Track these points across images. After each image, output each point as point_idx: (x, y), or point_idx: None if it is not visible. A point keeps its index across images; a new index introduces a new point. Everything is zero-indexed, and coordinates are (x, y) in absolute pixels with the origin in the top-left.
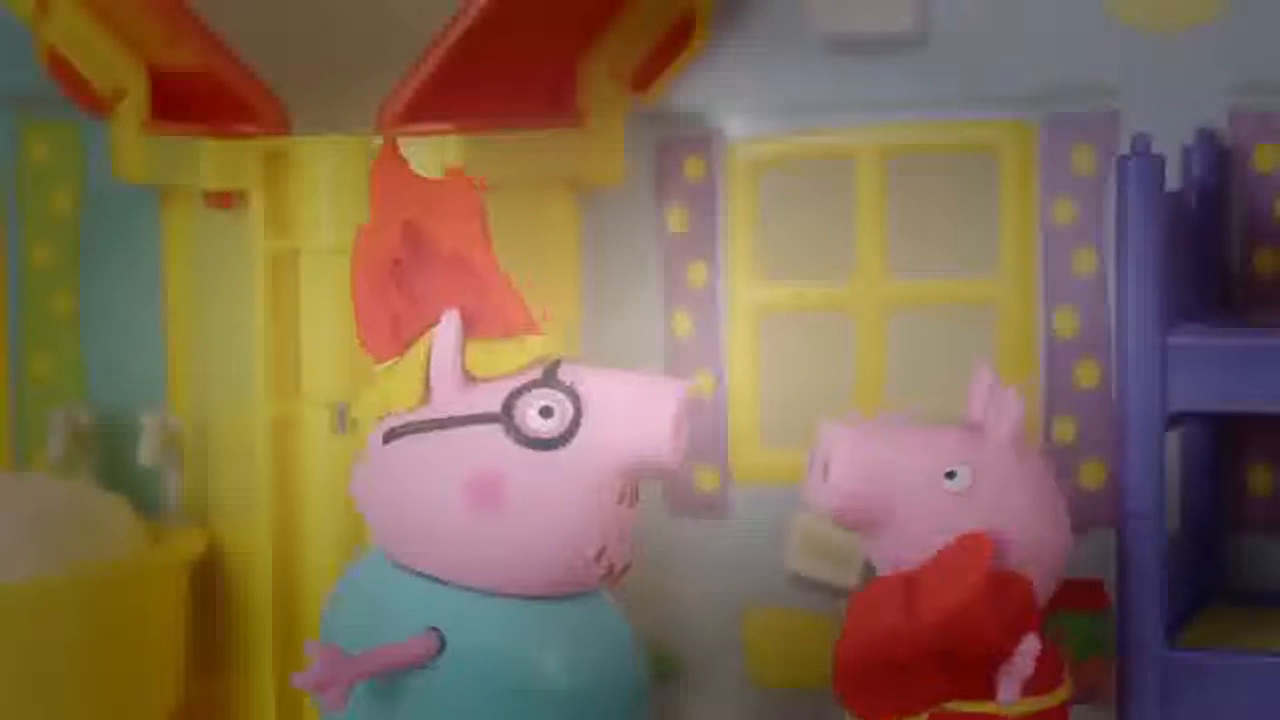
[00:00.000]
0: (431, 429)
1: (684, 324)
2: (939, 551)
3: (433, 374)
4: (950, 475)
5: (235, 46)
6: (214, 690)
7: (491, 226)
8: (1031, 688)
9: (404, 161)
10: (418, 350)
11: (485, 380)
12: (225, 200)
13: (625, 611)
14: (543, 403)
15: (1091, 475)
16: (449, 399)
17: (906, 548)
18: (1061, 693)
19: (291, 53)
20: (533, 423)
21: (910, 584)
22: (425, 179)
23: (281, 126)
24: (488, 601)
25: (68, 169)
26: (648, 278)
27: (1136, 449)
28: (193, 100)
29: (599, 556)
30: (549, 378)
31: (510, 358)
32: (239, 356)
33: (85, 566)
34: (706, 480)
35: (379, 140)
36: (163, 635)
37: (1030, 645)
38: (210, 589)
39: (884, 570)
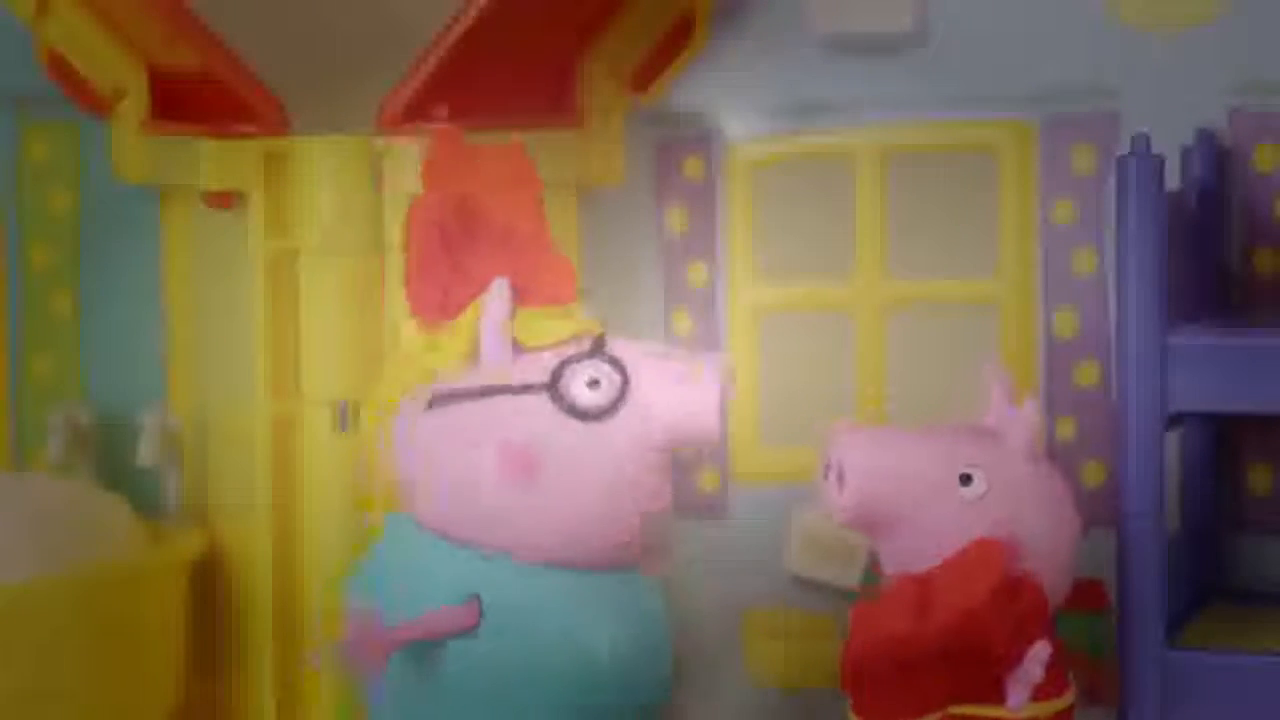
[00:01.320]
0: (478, 396)
1: (684, 324)
2: (952, 556)
3: (482, 341)
4: (965, 480)
5: (235, 46)
6: (214, 690)
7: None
8: (1040, 693)
9: (459, 139)
10: (466, 317)
11: (532, 349)
12: (225, 200)
13: (661, 588)
14: (591, 374)
15: (1091, 475)
16: (497, 367)
17: (919, 551)
18: (1067, 698)
19: (291, 53)
20: (580, 394)
21: (922, 587)
22: (480, 148)
23: (281, 127)
24: (529, 571)
25: (67, 169)
26: (648, 278)
27: (1136, 449)
28: (192, 100)
29: (644, 529)
30: (597, 349)
31: (557, 328)
32: (239, 356)
33: (85, 567)
34: (707, 480)
35: (382, 141)
36: (162, 635)
37: (1041, 651)
38: (210, 589)
39: (893, 572)
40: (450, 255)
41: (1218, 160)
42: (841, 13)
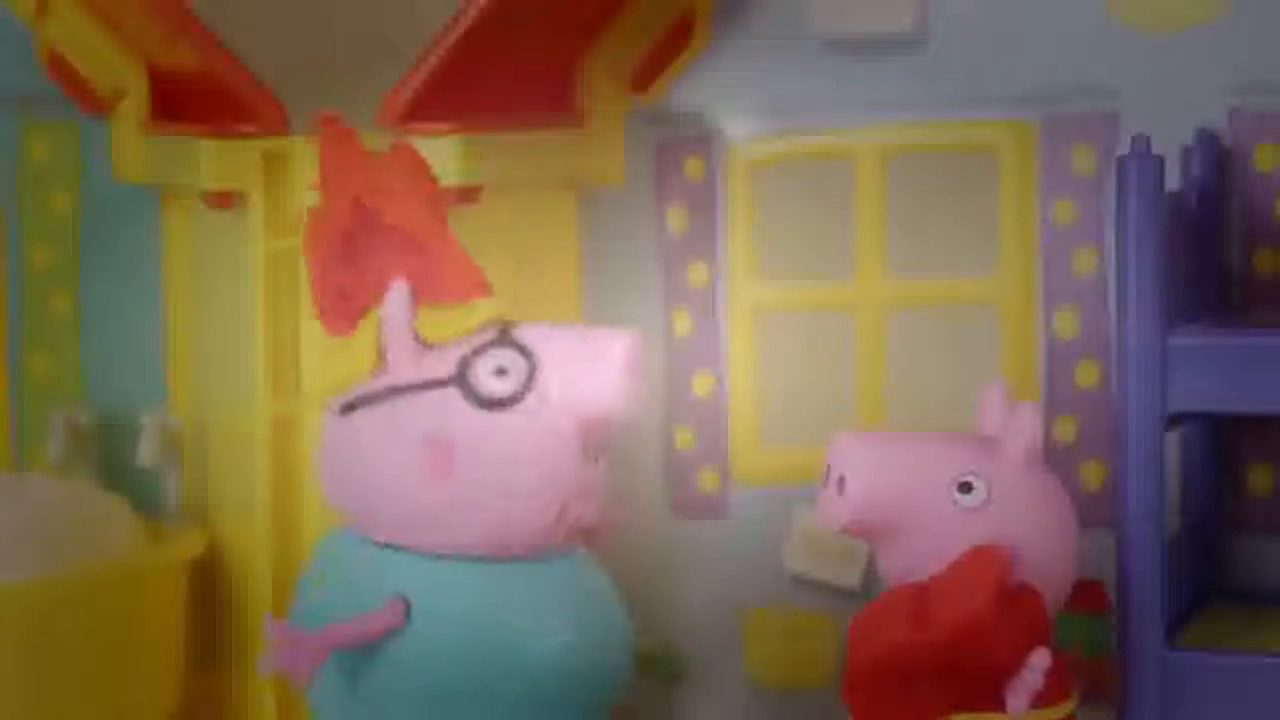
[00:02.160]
0: (388, 398)
1: (684, 324)
2: (951, 564)
3: (385, 343)
4: (965, 489)
5: (235, 46)
6: (213, 689)
7: (451, 210)
8: (1040, 700)
9: (349, 139)
10: (370, 322)
11: (439, 345)
12: (225, 200)
13: (611, 570)
14: (497, 363)
15: (1091, 475)
16: (403, 366)
17: (919, 560)
18: (1067, 705)
19: (291, 53)
20: (488, 383)
21: (921, 595)
22: (372, 154)
23: (281, 126)
24: (455, 566)
25: (68, 169)
26: (648, 278)
27: (1136, 449)
28: (192, 100)
29: (561, 514)
30: (502, 338)
31: (462, 321)
32: (239, 356)
33: (85, 566)
34: (707, 480)
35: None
36: (162, 635)
37: (1041, 659)
38: (210, 588)
39: (893, 580)
40: (353, 260)
41: (1218, 160)
42: (841, 13)
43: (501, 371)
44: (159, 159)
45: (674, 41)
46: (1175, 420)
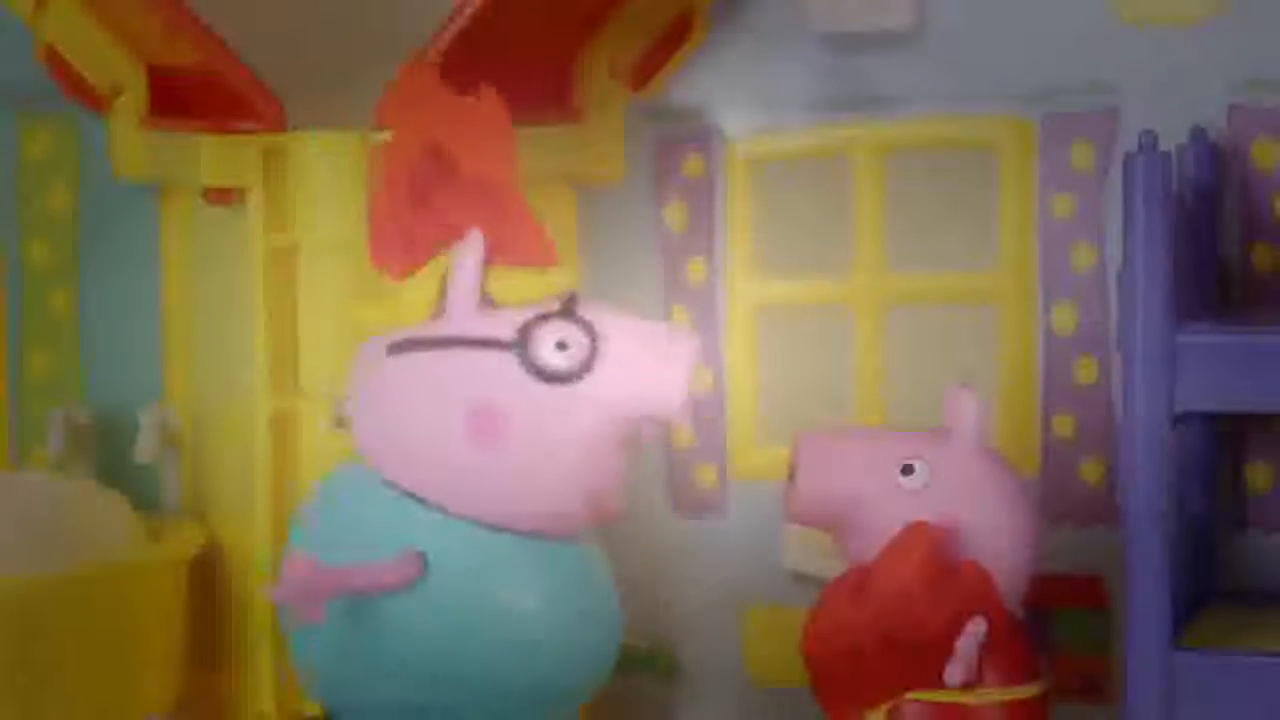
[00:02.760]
0: (441, 346)
1: (683, 320)
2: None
3: (451, 290)
4: (907, 471)
5: (234, 43)
6: (213, 685)
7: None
8: (1002, 678)
9: (431, 77)
10: (436, 267)
11: (502, 306)
12: (224, 196)
13: (610, 566)
14: (560, 336)
15: (1090, 472)
16: (465, 318)
17: (870, 545)
18: (1035, 687)
19: (290, 49)
20: (547, 355)
21: (862, 575)
22: (455, 97)
23: (280, 123)
24: (476, 531)
25: (66, 166)
26: (647, 274)
27: (1141, 448)
28: (191, 97)
29: (594, 499)
30: (569, 312)
31: (525, 288)
32: (238, 352)
33: (85, 564)
34: (705, 478)
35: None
36: (162, 631)
37: (975, 628)
38: (209, 585)
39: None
40: (419, 203)
41: (1217, 157)
42: (840, 9)
43: (563, 345)
44: (158, 155)
45: (672, 37)
46: (1178, 418)
